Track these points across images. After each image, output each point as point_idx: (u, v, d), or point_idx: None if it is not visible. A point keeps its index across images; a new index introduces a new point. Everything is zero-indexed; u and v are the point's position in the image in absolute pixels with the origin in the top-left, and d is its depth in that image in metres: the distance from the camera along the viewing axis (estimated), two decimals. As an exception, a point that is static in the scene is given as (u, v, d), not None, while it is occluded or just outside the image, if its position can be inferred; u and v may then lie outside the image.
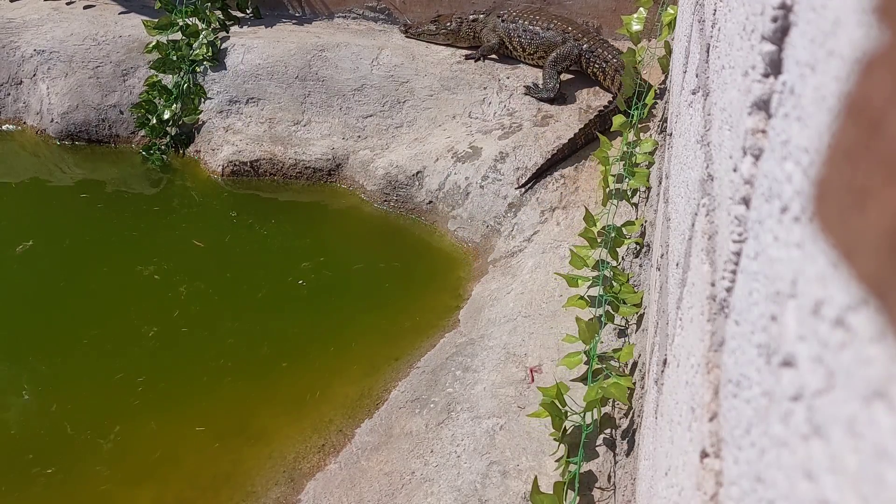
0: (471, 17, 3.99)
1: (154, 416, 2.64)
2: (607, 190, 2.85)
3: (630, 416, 2.08)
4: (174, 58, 4.08)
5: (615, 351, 2.32)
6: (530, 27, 3.77)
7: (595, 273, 2.56)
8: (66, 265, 3.42)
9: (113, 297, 3.22)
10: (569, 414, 2.09)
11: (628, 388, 2.05)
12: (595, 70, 3.64)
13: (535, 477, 1.94)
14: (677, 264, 1.24)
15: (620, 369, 2.24)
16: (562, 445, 2.09)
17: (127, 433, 2.58)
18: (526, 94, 3.74)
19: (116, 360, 2.88)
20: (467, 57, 3.96)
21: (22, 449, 2.55)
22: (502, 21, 3.87)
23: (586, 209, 2.70)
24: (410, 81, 3.92)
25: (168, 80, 4.10)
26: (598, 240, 2.61)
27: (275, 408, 2.66)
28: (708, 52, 1.21)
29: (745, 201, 0.66)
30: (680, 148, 1.60)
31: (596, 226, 2.65)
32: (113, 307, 3.17)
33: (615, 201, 2.79)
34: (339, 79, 4.00)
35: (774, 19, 0.58)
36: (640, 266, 2.55)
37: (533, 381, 2.41)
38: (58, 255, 3.50)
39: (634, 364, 2.20)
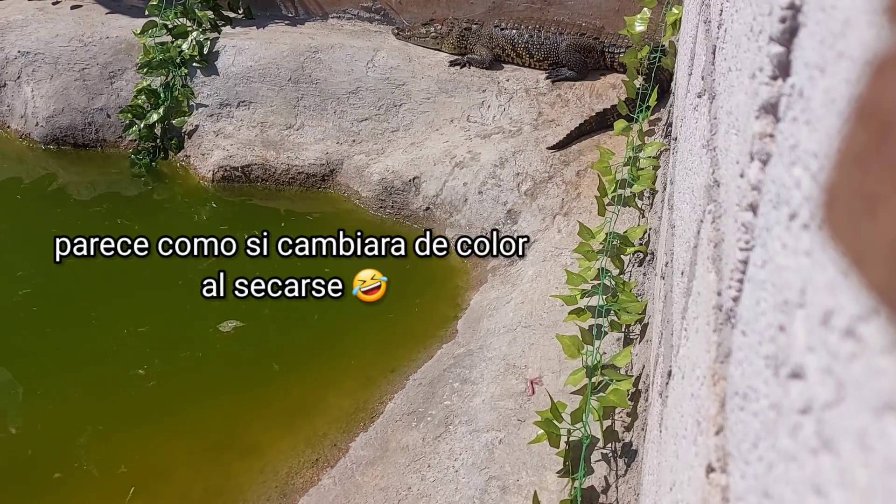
0: (464, 24, 3.95)
1: (144, 429, 2.59)
2: (605, 200, 2.79)
3: (633, 430, 2.05)
4: (160, 58, 3.99)
5: (614, 357, 2.26)
6: (538, 33, 3.73)
7: (595, 282, 2.50)
8: (40, 269, 3.31)
9: (102, 299, 3.17)
10: (571, 431, 2.03)
11: (628, 390, 2.01)
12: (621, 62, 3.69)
13: (535, 492, 1.88)
14: (682, 273, 1.23)
15: (624, 370, 2.19)
16: (563, 460, 2.04)
17: (116, 446, 2.53)
18: (554, 80, 3.75)
19: (103, 368, 2.83)
20: (452, 63, 3.92)
21: (4, 463, 2.48)
22: (501, 30, 3.82)
23: (581, 224, 2.64)
24: (407, 84, 3.85)
25: (157, 83, 4.02)
26: (598, 250, 2.55)
27: (267, 421, 2.62)
28: (714, 54, 1.20)
29: (753, 208, 0.66)
30: (685, 153, 1.59)
31: (594, 238, 2.59)
32: (104, 308, 3.11)
33: (616, 208, 2.73)
34: (334, 81, 3.93)
35: (783, 20, 0.57)
36: (644, 275, 2.50)
37: (533, 393, 2.35)
38: (31, 258, 3.38)
39: (637, 377, 2.14)
